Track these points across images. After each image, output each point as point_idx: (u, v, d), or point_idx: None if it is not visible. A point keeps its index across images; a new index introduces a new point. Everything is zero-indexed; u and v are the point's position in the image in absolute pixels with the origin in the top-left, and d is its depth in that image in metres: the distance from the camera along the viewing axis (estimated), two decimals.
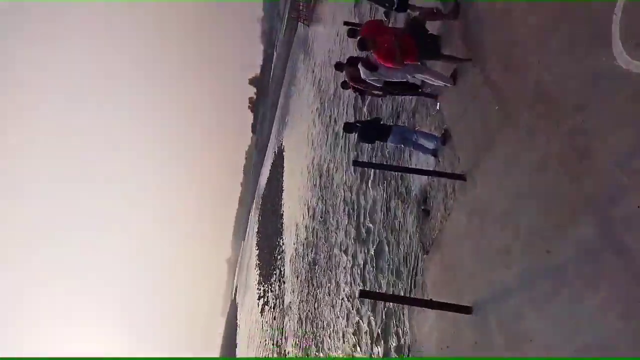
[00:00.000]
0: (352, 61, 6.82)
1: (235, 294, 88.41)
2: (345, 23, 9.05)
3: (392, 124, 7.83)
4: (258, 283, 38.81)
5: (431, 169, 6.35)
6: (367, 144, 9.40)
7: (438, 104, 6.56)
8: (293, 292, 20.99)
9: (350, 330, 10.11)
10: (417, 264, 6.45)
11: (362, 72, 6.22)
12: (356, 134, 6.98)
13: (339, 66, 7.62)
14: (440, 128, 6.40)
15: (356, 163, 8.06)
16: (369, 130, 6.70)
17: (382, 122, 7.07)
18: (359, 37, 6.08)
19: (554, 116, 3.49)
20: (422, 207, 6.64)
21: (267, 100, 68.37)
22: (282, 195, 33.15)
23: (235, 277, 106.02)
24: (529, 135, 3.84)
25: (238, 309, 70.03)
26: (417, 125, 7.25)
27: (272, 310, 27.39)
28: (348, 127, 6.96)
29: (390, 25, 7.80)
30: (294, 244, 23.57)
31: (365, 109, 11.27)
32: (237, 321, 64.71)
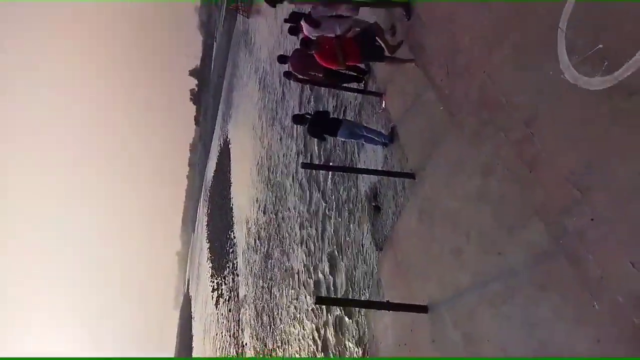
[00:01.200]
0: (293, 30, 6.91)
1: (188, 287, 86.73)
2: (286, 20, 8.84)
3: (341, 117, 7.86)
4: (211, 276, 38.23)
5: (380, 169, 6.43)
6: (316, 138, 9.38)
7: (384, 102, 6.64)
8: (247, 285, 20.87)
9: (308, 325, 10.20)
10: (371, 261, 6.56)
11: (305, 29, 6.35)
12: (305, 127, 6.91)
13: (282, 59, 7.52)
14: (387, 126, 6.48)
15: (305, 165, 7.97)
16: (318, 124, 6.66)
17: (330, 116, 7.05)
18: (300, 38, 6.03)
19: (500, 124, 3.59)
20: (373, 204, 6.73)
21: (209, 92, 66.60)
22: (230, 188, 32.65)
23: (187, 270, 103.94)
24: (475, 139, 3.95)
25: (192, 301, 68.83)
26: (365, 123, 7.32)
27: (227, 302, 27.16)
28: (297, 119, 6.87)
29: None
30: (245, 237, 23.37)
31: (311, 105, 11.23)
32: (192, 313, 63.68)
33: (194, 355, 50.79)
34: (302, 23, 6.24)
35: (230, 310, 25.45)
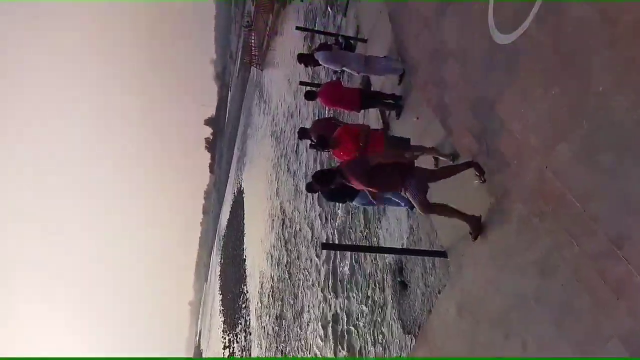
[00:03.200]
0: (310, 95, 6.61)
1: (199, 340, 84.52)
2: (302, 83, 8.64)
3: None
4: (223, 331, 36.96)
5: (405, 240, 5.78)
6: (333, 202, 8.88)
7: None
8: (261, 345, 19.84)
9: None
10: (395, 345, 5.79)
11: (322, 58, 6.30)
12: (321, 194, 6.42)
13: (302, 133, 7.19)
14: None
15: (325, 246, 7.41)
16: (335, 193, 6.17)
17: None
18: (318, 135, 5.58)
19: (565, 224, 2.96)
20: (399, 279, 6.03)
21: (223, 140, 67.51)
22: (243, 239, 32.05)
23: (199, 321, 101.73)
24: (528, 231, 3.32)
25: (202, 354, 66.74)
26: None
27: None
28: (310, 188, 6.39)
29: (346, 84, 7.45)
30: (258, 293, 22.51)
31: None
32: None
33: None
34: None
35: None
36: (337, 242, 9.89)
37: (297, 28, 9.03)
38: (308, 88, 7.81)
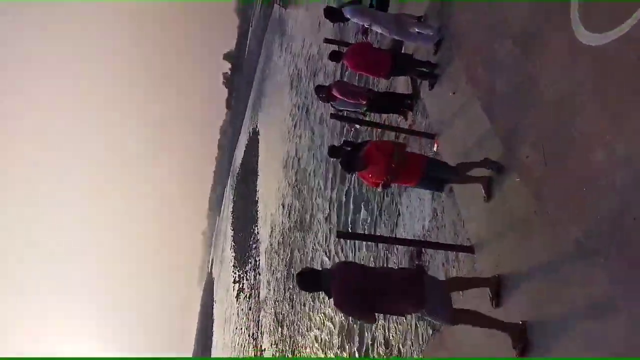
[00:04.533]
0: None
1: (211, 267, 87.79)
2: (327, 40, 7.96)
3: None
4: (233, 266, 38.12)
5: (427, 230, 5.48)
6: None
7: (436, 145, 5.66)
8: (269, 288, 20.35)
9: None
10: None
11: (350, 12, 5.77)
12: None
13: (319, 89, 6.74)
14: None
15: (341, 235, 7.05)
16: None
17: None
18: (344, 154, 4.95)
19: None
20: (416, 262, 5.80)
21: (241, 77, 66.11)
22: (256, 181, 32.13)
23: (211, 251, 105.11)
24: (586, 262, 2.90)
25: (214, 283, 69.56)
26: None
27: (248, 299, 26.84)
28: (334, 151, 6.03)
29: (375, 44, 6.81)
30: (268, 236, 22.80)
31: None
32: (214, 296, 64.33)
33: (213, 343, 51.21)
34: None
35: (250, 309, 25.08)
36: (351, 204, 9.67)
37: None
38: (334, 47, 7.20)
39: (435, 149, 5.68)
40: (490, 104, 4.46)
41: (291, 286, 15.73)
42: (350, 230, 9.15)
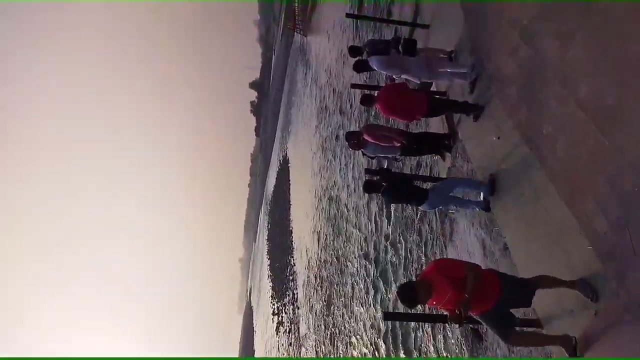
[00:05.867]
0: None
1: (250, 296, 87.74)
2: (354, 86, 7.53)
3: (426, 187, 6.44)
4: (271, 297, 37.72)
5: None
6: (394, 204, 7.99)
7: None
8: (309, 324, 19.78)
9: None
10: None
11: (377, 63, 5.36)
12: (381, 195, 5.53)
13: (350, 135, 6.27)
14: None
15: (387, 316, 6.49)
16: (399, 194, 5.31)
17: (411, 183, 5.65)
18: (402, 293, 3.94)
19: None
20: (471, 326, 5.18)
21: (268, 104, 66.96)
22: (289, 209, 31.88)
23: (249, 279, 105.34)
24: None
25: (254, 313, 69.29)
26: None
27: (288, 334, 26.27)
28: (370, 188, 5.55)
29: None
30: (305, 269, 22.35)
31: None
32: (254, 327, 64.02)
33: None
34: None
35: (290, 345, 24.48)
36: (391, 239, 9.10)
37: (348, 15, 7.92)
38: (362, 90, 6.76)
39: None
40: (548, 163, 3.80)
41: (332, 324, 15.17)
42: (390, 275, 8.60)
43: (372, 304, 10.05)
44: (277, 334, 30.71)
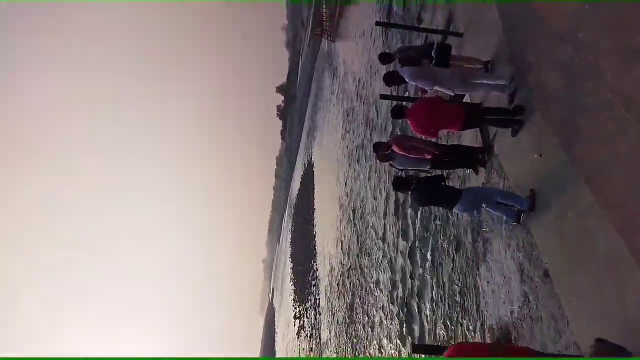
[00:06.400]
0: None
1: (272, 297, 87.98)
2: (383, 97, 7.25)
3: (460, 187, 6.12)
4: (293, 300, 37.64)
5: (517, 317, 4.54)
6: (425, 206, 7.64)
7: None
8: (330, 330, 19.57)
9: None
10: None
11: (408, 75, 5.10)
12: (410, 194, 5.25)
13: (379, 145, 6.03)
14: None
15: (416, 349, 6.22)
16: (431, 192, 4.99)
17: (444, 182, 5.34)
18: None
19: None
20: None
21: (294, 109, 67.16)
22: (313, 214, 31.75)
23: (272, 280, 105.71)
24: None
25: (275, 314, 69.40)
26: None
27: (309, 339, 26.10)
28: (400, 185, 5.27)
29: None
30: (327, 276, 22.14)
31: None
32: (275, 328, 64.10)
33: None
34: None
35: (312, 349, 24.29)
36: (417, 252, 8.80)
37: (377, 24, 7.69)
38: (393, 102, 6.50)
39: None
40: (601, 191, 3.43)
41: (353, 334, 14.92)
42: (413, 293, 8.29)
43: (395, 321, 9.78)
44: (298, 338, 30.56)
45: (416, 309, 8.20)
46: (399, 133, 9.59)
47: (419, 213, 8.85)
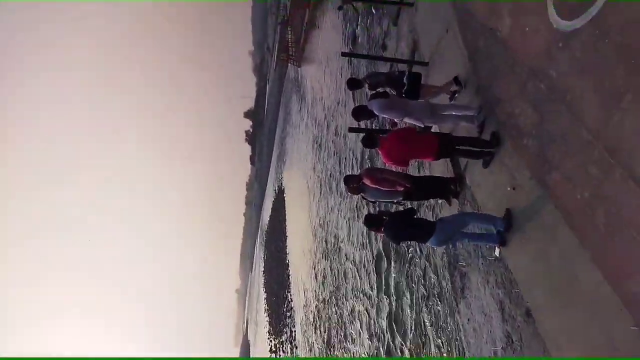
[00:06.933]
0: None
1: (246, 329, 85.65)
2: (351, 130, 7.08)
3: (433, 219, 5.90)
4: (268, 332, 36.60)
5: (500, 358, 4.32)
6: (400, 243, 7.40)
7: (498, 250, 4.59)
8: None
9: None
10: None
11: (377, 107, 4.99)
12: (383, 232, 4.97)
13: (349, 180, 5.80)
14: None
15: None
16: (403, 227, 4.74)
17: (417, 216, 5.10)
18: None
19: None
20: None
21: (263, 134, 66.99)
22: (286, 242, 31.24)
23: (246, 310, 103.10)
24: None
25: (251, 348, 67.44)
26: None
27: None
28: (371, 222, 5.03)
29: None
30: (303, 307, 21.58)
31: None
32: None
33: None
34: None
35: None
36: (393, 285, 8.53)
37: (344, 54, 7.58)
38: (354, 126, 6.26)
39: (497, 253, 4.62)
40: (584, 231, 3.26)
41: None
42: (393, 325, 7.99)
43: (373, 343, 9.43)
44: None
45: (394, 345, 7.90)
46: (369, 165, 9.44)
47: (394, 246, 8.63)
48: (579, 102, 3.04)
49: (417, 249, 7.18)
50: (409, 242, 7.30)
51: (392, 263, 8.64)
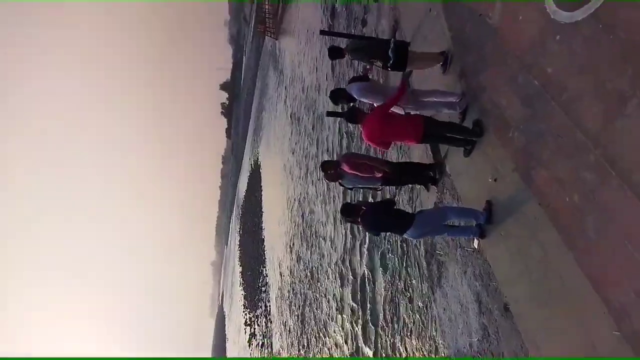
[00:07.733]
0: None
1: (222, 300, 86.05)
2: (330, 114, 6.76)
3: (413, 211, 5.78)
4: (243, 306, 36.80)
5: (477, 351, 4.27)
6: (377, 234, 7.27)
7: (476, 242, 4.50)
8: (282, 338, 19.10)
9: None
10: None
11: (356, 90, 4.85)
12: (360, 221, 4.81)
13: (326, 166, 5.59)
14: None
15: None
16: (381, 218, 4.59)
17: (396, 207, 4.94)
18: None
19: None
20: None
21: (239, 106, 65.68)
22: (261, 217, 31.05)
23: (221, 282, 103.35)
24: None
25: (226, 319, 67.92)
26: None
27: (260, 348, 25.48)
28: (348, 212, 4.84)
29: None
30: (277, 282, 21.63)
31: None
32: (226, 334, 62.76)
33: None
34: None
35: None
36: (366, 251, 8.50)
37: (322, 32, 7.20)
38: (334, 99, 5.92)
39: (475, 245, 4.53)
40: (571, 235, 3.12)
41: (306, 344, 14.54)
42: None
43: (346, 323, 9.48)
44: (249, 346, 29.81)
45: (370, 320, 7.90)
46: (347, 151, 9.22)
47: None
48: (576, 102, 2.86)
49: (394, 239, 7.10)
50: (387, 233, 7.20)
51: (367, 242, 8.57)
